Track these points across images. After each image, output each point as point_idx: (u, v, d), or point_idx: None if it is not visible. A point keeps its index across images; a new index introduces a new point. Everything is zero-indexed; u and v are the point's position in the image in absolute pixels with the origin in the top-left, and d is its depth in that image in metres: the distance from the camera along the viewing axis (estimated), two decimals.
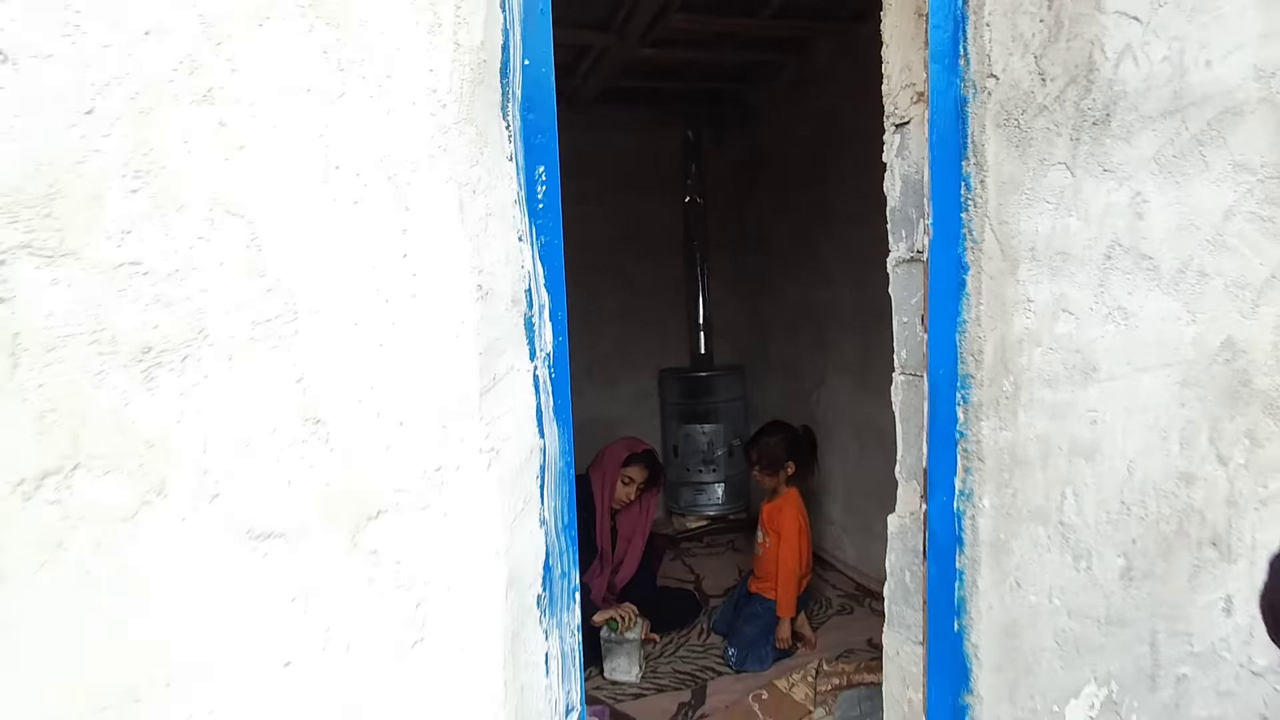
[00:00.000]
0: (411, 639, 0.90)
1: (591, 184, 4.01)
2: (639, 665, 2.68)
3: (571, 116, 3.81)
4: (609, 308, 4.14)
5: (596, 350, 4.11)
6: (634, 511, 2.91)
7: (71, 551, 0.78)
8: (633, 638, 2.62)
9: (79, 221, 0.76)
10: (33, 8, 0.72)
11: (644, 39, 3.00)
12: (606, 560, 2.86)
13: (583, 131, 3.80)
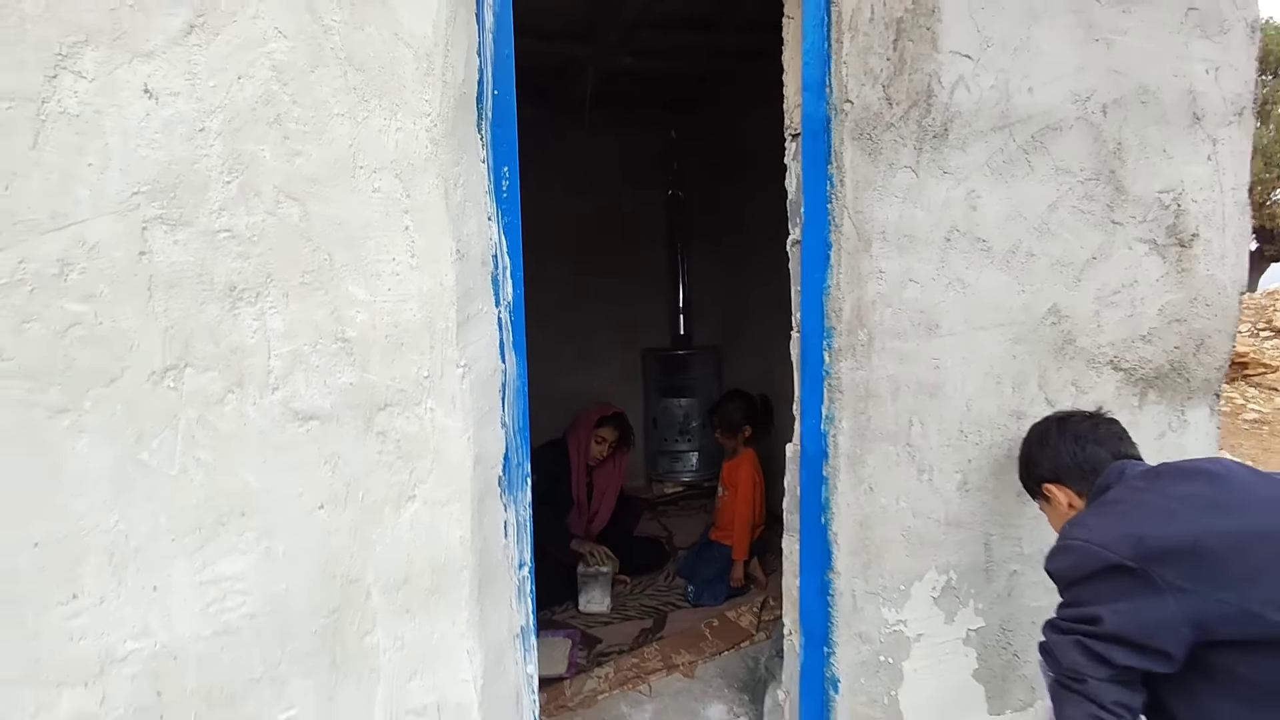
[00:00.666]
0: (407, 495, 1.30)
1: (581, 179, 4.40)
2: (609, 598, 3.08)
3: (562, 119, 4.20)
4: (597, 292, 4.52)
5: (585, 329, 4.50)
6: (608, 468, 3.30)
7: (182, 420, 1.18)
8: (604, 572, 3.02)
9: (192, 202, 1.15)
10: (168, 64, 1.12)
11: (622, 50, 3.38)
12: (582, 510, 3.26)
13: (573, 131, 4.18)
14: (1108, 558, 1.19)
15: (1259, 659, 1.11)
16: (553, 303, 4.37)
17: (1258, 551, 1.11)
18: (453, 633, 1.35)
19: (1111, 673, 1.14)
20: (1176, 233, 1.87)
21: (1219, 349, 1.96)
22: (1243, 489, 1.19)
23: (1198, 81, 1.83)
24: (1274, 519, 1.15)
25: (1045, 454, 1.49)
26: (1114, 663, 1.15)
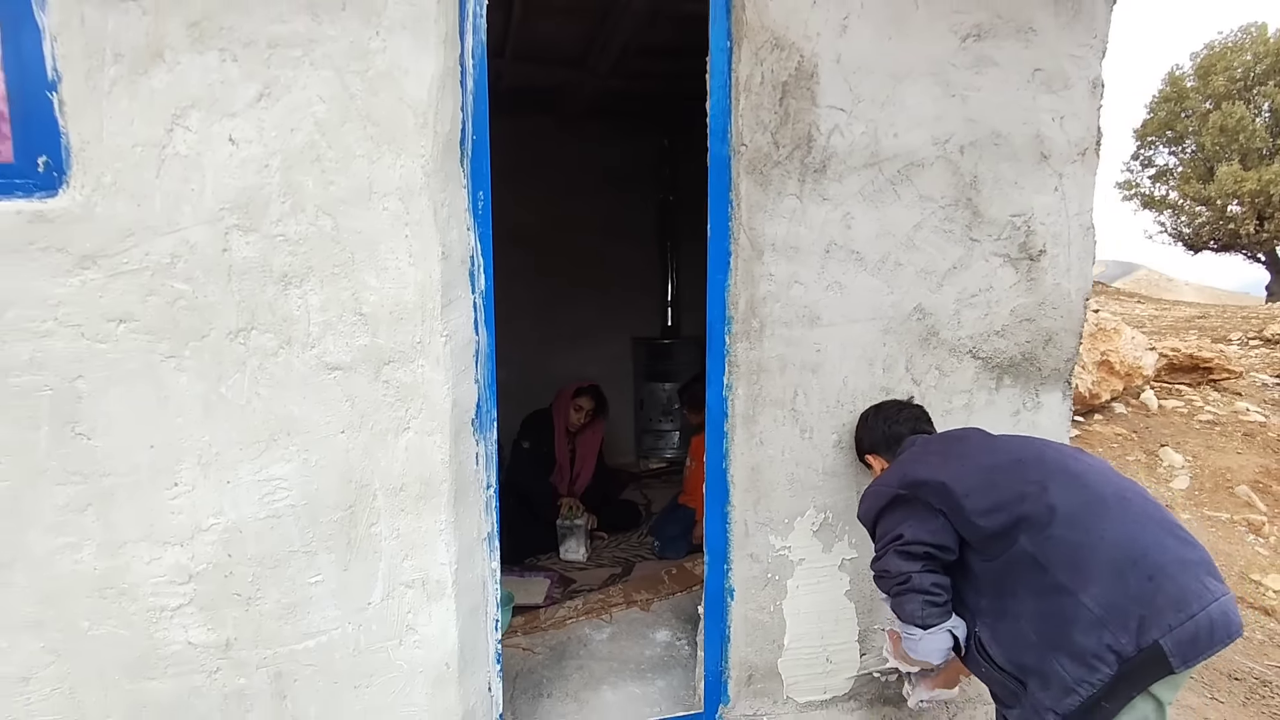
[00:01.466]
0: (403, 426, 1.82)
1: (582, 184, 4.91)
2: (585, 549, 3.59)
3: (562, 132, 4.70)
4: (594, 285, 5.03)
5: (582, 318, 5.01)
6: (588, 435, 3.81)
7: (249, 366, 1.71)
8: (579, 524, 3.53)
9: (258, 215, 1.68)
10: (245, 121, 1.64)
11: (613, 74, 3.87)
12: (564, 471, 3.77)
13: (573, 143, 4.69)
14: (890, 492, 1.67)
15: (987, 555, 1.57)
16: (553, 294, 4.90)
17: (973, 482, 1.58)
18: (434, 529, 1.86)
19: (924, 565, 1.60)
20: (1027, 249, 2.32)
21: (1066, 344, 2.41)
22: (974, 448, 1.69)
23: (1045, 128, 2.28)
24: (985, 464, 1.63)
25: (865, 432, 2.00)
26: (921, 558, 1.60)
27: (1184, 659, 1.34)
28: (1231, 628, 1.38)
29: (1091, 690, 1.38)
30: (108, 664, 1.71)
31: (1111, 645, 1.37)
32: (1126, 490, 1.54)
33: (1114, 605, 1.38)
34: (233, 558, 1.74)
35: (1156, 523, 1.48)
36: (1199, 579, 1.40)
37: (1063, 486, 1.52)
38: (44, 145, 1.58)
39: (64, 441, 1.63)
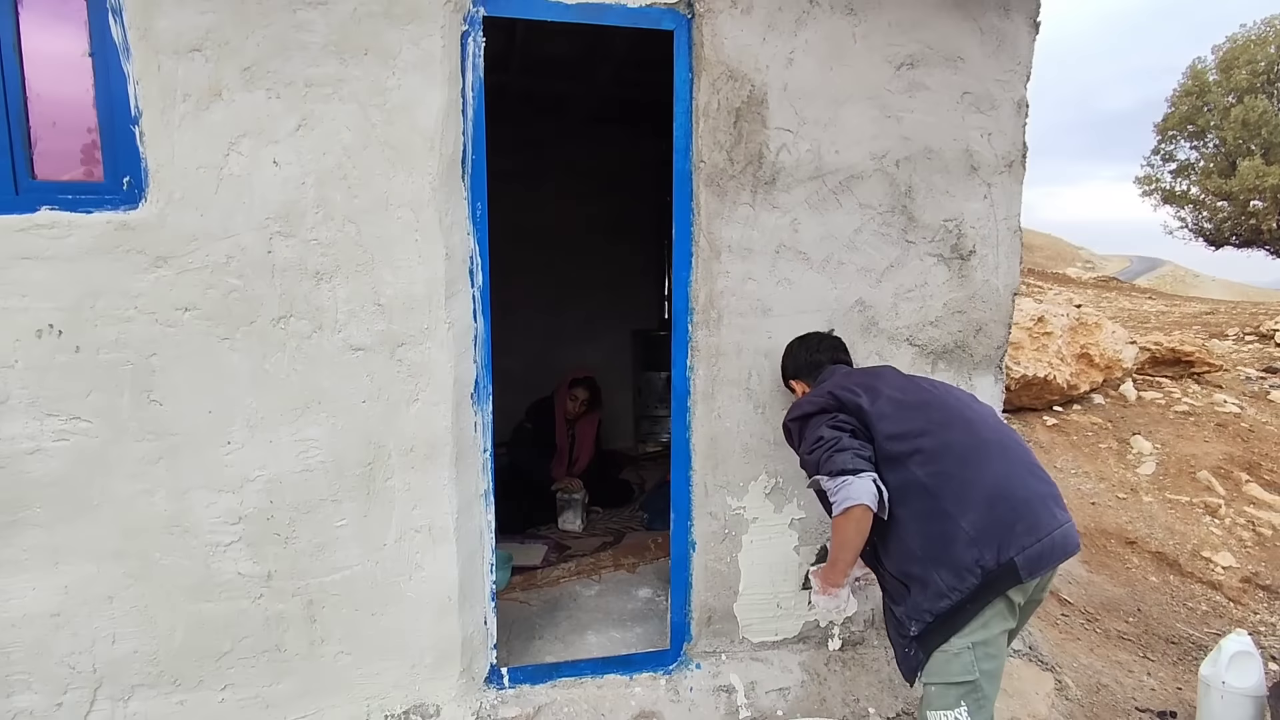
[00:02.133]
0: (413, 398, 2.19)
1: (587, 186, 5.26)
2: (581, 520, 3.96)
3: (568, 137, 5.06)
4: (597, 281, 5.39)
5: (586, 310, 5.37)
6: (586, 421, 4.18)
7: (288, 347, 2.09)
8: (576, 498, 3.90)
9: (296, 223, 2.05)
10: (287, 147, 2.02)
11: (612, 84, 4.22)
12: (564, 453, 4.15)
13: (578, 147, 5.04)
14: (820, 402, 1.94)
15: (888, 473, 1.83)
16: (560, 289, 5.27)
17: (884, 409, 1.87)
18: (439, 484, 2.24)
19: (851, 433, 1.85)
20: (958, 250, 2.64)
21: (995, 334, 2.73)
22: (888, 384, 1.97)
23: (974, 143, 2.60)
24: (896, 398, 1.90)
25: (789, 360, 2.29)
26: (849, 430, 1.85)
27: (1030, 572, 1.70)
28: (1069, 547, 1.77)
29: (960, 596, 1.72)
30: (173, 588, 2.10)
31: (979, 561, 1.70)
32: (1006, 438, 1.89)
33: (985, 530, 1.71)
34: (274, 504, 2.13)
35: (1024, 465, 1.83)
36: (1050, 510, 1.76)
37: (959, 430, 1.85)
38: (128, 168, 1.97)
39: (141, 406, 2.03)
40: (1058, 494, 1.82)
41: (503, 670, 2.44)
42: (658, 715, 2.41)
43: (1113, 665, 3.14)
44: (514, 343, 4.60)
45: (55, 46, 1.93)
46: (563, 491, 3.91)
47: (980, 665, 1.75)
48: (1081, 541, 4.18)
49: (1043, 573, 1.73)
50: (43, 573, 2.02)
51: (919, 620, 1.78)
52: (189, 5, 1.93)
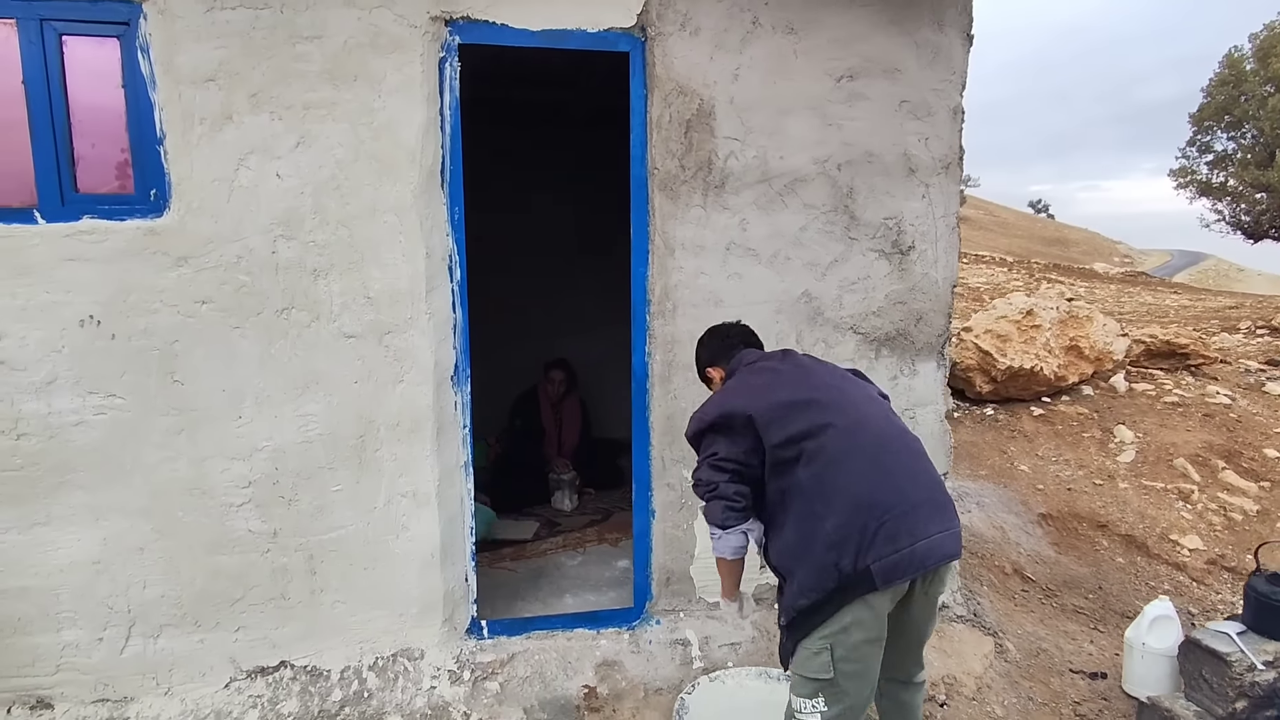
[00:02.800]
0: (399, 379, 2.50)
1: (587, 186, 5.54)
2: (571, 500, 4.26)
3: (567, 140, 5.34)
4: (599, 276, 5.66)
5: (590, 306, 5.65)
6: (570, 402, 4.50)
7: (289, 335, 2.42)
8: (566, 479, 4.20)
9: (296, 227, 2.38)
10: (288, 162, 2.34)
11: (603, 93, 4.49)
12: (552, 436, 4.46)
13: (576, 148, 5.32)
14: (710, 419, 2.02)
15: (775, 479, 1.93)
16: (563, 284, 5.56)
17: (772, 416, 1.92)
18: (422, 455, 2.55)
19: (730, 476, 1.95)
20: (898, 245, 2.88)
21: (935, 323, 2.96)
22: (785, 380, 2.02)
23: (912, 148, 2.83)
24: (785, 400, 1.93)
25: (702, 350, 2.31)
26: (729, 471, 1.95)
27: (886, 581, 1.72)
28: (929, 560, 1.76)
29: (818, 596, 1.76)
30: (194, 542, 2.45)
31: (837, 564, 1.73)
32: (890, 442, 1.90)
33: (845, 535, 1.74)
34: (279, 470, 2.46)
35: (903, 471, 1.84)
36: (919, 520, 1.77)
37: (840, 432, 1.85)
38: (154, 182, 2.31)
39: (166, 386, 2.37)
40: (940, 501, 1.84)
41: (482, 622, 2.75)
42: (619, 664, 2.70)
43: (1059, 634, 3.34)
44: (520, 336, 4.90)
45: (94, 79, 2.28)
46: (554, 473, 4.21)
47: (839, 666, 1.77)
48: (1054, 525, 4.36)
49: (898, 582, 1.73)
50: (85, 527, 2.38)
51: (787, 613, 1.86)
52: (205, 42, 2.27)
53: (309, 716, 2.43)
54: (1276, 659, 2.39)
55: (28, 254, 2.26)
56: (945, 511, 1.84)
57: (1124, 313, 12.55)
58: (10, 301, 2.26)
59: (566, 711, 2.52)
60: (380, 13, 2.36)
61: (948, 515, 1.84)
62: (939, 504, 1.84)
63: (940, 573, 1.86)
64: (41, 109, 2.23)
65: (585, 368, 5.11)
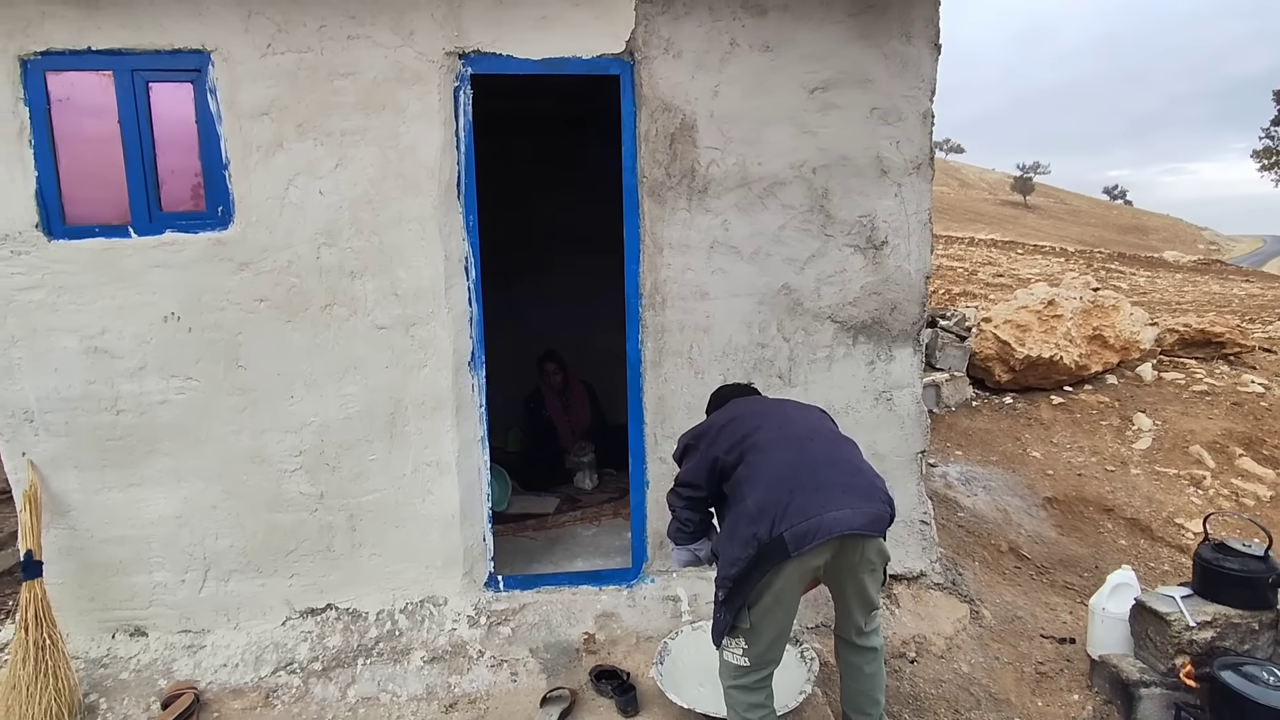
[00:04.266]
0: (423, 365, 2.92)
1: (613, 187, 5.90)
2: (592, 480, 4.63)
3: (590, 147, 5.68)
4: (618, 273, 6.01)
5: (607, 302, 6.02)
6: (575, 389, 4.91)
7: (332, 327, 2.86)
8: (585, 460, 4.58)
9: (336, 236, 2.82)
10: (329, 181, 2.78)
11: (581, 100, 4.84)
12: (561, 421, 4.85)
13: (604, 155, 5.67)
14: (685, 441, 2.41)
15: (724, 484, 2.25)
16: (592, 281, 5.93)
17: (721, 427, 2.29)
18: (443, 430, 2.96)
19: (685, 503, 2.32)
20: (872, 241, 3.13)
21: (910, 312, 3.20)
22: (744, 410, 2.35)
23: (884, 151, 3.08)
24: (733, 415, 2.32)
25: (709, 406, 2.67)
26: (685, 497, 2.33)
27: (797, 547, 1.95)
28: (835, 528, 1.96)
29: (744, 565, 2.01)
30: (255, 502, 2.92)
31: (755, 534, 1.99)
32: (816, 437, 2.21)
33: (763, 509, 2.01)
34: (324, 442, 2.90)
35: (823, 459, 2.12)
36: (833, 496, 2.01)
37: (771, 431, 2.20)
38: (221, 200, 2.78)
39: (231, 371, 2.84)
40: (857, 485, 2.07)
41: (499, 577, 3.15)
42: (617, 615, 3.06)
43: (1039, 605, 3.53)
44: (554, 331, 5.29)
45: (173, 117, 2.76)
46: (573, 455, 4.60)
47: (754, 619, 2.06)
48: (1060, 509, 4.50)
49: (808, 547, 1.95)
50: (170, 488, 2.88)
51: (722, 585, 2.10)
52: (260, 83, 2.72)
53: (350, 650, 2.87)
54: (1215, 619, 2.57)
55: (123, 262, 2.76)
56: (861, 494, 2.07)
57: (1182, 302, 12.19)
58: (110, 302, 2.76)
59: (567, 653, 2.89)
60: (403, 51, 2.77)
61: (863, 497, 2.06)
62: (855, 487, 2.08)
63: (858, 546, 2.08)
64: (133, 143, 2.73)
65: (609, 356, 5.47)
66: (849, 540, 2.05)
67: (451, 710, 2.65)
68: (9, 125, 2.65)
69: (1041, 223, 51.77)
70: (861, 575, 2.17)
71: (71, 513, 2.86)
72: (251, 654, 2.87)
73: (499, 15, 2.81)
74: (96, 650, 2.87)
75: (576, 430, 4.89)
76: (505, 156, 4.84)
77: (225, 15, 2.68)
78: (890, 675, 2.94)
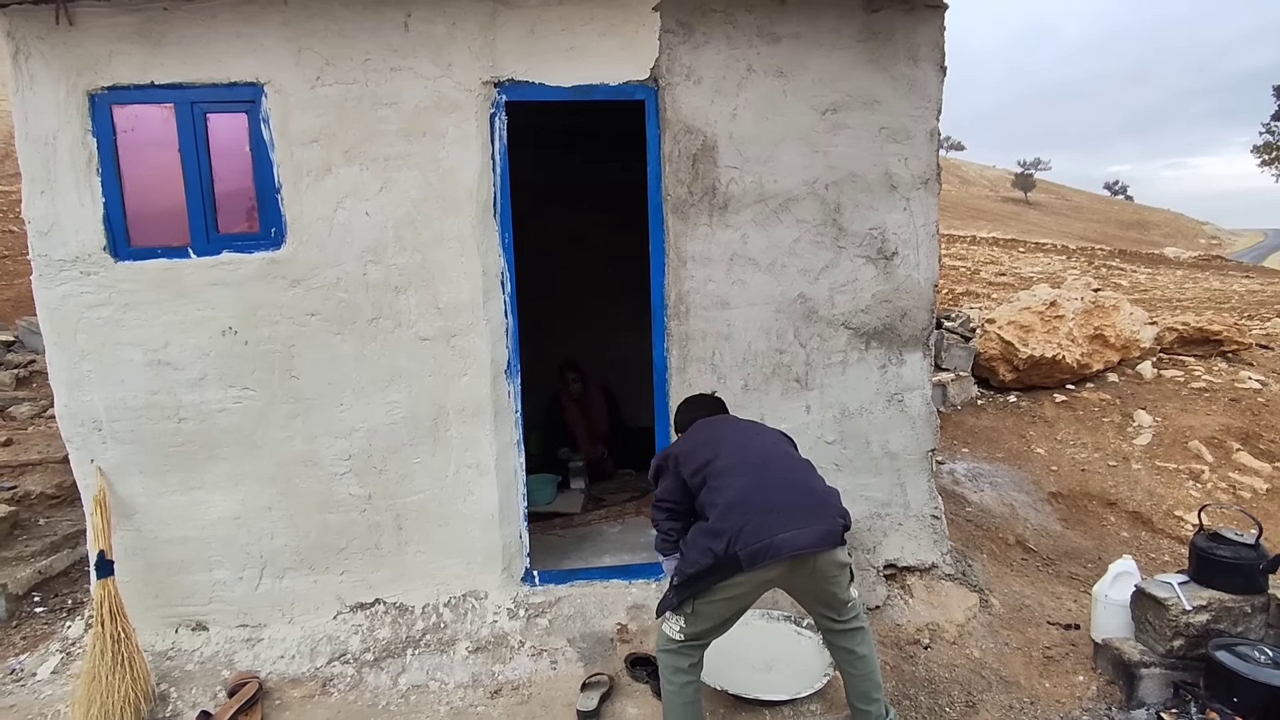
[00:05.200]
0: (463, 373, 3.11)
1: (635, 200, 6.08)
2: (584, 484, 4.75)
3: (614, 162, 5.86)
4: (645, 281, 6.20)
5: (637, 308, 6.21)
6: (593, 395, 5.10)
7: (378, 338, 3.06)
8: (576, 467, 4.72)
9: (382, 254, 3.01)
10: (374, 203, 2.97)
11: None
12: (579, 426, 5.03)
13: (625, 167, 5.86)
14: (658, 463, 2.60)
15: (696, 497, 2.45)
16: (615, 288, 6.11)
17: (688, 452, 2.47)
18: (482, 434, 3.15)
19: (666, 515, 2.51)
20: (883, 251, 3.32)
21: (919, 319, 3.39)
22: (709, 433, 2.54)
23: (892, 167, 3.27)
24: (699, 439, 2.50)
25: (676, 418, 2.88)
26: (665, 510, 2.52)
27: (750, 564, 2.17)
28: (784, 549, 2.16)
29: (700, 568, 2.23)
30: (308, 503, 3.11)
31: (710, 548, 2.22)
32: (772, 462, 2.39)
33: (721, 528, 2.22)
34: (371, 446, 3.10)
35: (779, 482, 2.31)
36: (782, 520, 2.20)
37: (726, 456, 2.38)
38: (274, 222, 2.98)
39: (285, 381, 3.04)
40: (809, 505, 2.27)
41: (534, 572, 3.34)
42: (646, 607, 3.24)
43: (1046, 594, 3.71)
44: (578, 336, 5.49)
45: (229, 146, 2.96)
46: (572, 461, 4.77)
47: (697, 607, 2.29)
48: (1064, 503, 4.68)
49: (760, 565, 2.17)
50: (229, 490, 3.08)
51: (679, 575, 2.33)
52: (310, 113, 2.92)
53: (399, 641, 3.07)
54: (1210, 603, 2.75)
55: (184, 280, 2.96)
56: (813, 514, 2.26)
57: (1182, 299, 12.36)
58: (173, 317, 2.96)
59: (602, 642, 3.08)
60: (442, 81, 2.97)
61: (815, 516, 2.26)
62: (807, 508, 2.28)
63: (809, 563, 2.26)
64: (193, 170, 2.93)
65: (629, 364, 5.65)
66: (799, 559, 2.23)
67: (497, 696, 2.84)
68: (79, 156, 2.85)
69: (1043, 219, 51.85)
70: (818, 585, 2.36)
71: (136, 515, 3.06)
72: (307, 646, 3.06)
73: (530, 46, 3.01)
74: (162, 644, 3.07)
75: (594, 435, 5.08)
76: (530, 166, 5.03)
77: (277, 51, 2.89)
78: (905, 661, 3.13)
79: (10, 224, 15.59)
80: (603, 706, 2.70)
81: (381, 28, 2.93)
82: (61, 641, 3.14)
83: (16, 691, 2.91)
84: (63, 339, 2.95)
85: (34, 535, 3.90)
